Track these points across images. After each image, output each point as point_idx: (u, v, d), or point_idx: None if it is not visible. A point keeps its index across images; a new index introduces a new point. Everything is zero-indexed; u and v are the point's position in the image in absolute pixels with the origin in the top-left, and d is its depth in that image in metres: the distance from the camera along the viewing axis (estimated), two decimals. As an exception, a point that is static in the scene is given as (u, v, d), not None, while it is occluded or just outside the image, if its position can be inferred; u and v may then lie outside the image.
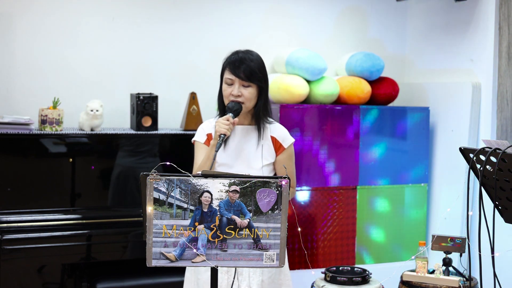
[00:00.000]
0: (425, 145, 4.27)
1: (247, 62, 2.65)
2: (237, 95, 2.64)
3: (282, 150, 2.74)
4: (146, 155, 3.75)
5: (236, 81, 2.65)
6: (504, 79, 3.83)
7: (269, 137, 2.74)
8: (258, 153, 2.71)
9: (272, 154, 2.74)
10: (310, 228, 3.95)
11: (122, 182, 3.69)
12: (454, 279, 3.13)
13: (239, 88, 2.64)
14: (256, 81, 2.66)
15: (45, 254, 3.40)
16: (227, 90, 2.67)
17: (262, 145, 2.72)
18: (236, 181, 1.97)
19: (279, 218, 1.98)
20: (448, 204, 4.15)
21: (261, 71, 2.69)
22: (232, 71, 2.64)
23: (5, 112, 3.75)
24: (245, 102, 2.66)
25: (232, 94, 2.65)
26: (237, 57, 2.67)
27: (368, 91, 4.16)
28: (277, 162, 2.75)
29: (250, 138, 2.73)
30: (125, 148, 3.69)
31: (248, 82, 2.64)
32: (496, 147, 2.21)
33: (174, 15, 4.16)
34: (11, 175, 3.46)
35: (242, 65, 2.64)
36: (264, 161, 2.71)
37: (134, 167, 3.69)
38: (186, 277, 2.79)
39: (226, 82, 2.68)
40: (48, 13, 3.87)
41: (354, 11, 4.64)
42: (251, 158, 2.70)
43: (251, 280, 2.66)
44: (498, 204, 2.31)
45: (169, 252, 1.95)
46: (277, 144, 2.74)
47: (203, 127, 2.79)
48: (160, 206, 1.94)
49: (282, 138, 2.75)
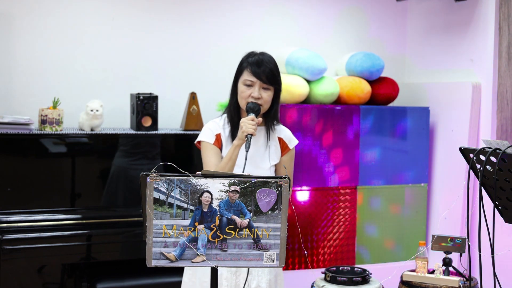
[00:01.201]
0: (425, 145, 4.27)
1: (267, 64, 2.64)
2: (257, 98, 2.62)
3: (287, 151, 2.76)
4: (146, 155, 3.75)
5: (257, 83, 2.63)
6: (504, 79, 3.83)
7: (276, 138, 2.75)
8: (266, 153, 2.71)
9: (278, 154, 2.75)
10: (310, 228, 3.95)
11: (122, 182, 3.69)
12: (454, 279, 3.13)
13: (259, 91, 2.63)
14: (276, 84, 2.66)
15: (45, 254, 3.40)
16: (246, 91, 2.64)
17: (269, 146, 2.72)
18: (236, 181, 1.97)
19: (279, 218, 1.98)
20: (448, 204, 4.15)
21: (279, 74, 2.69)
22: (254, 73, 2.62)
23: (5, 112, 3.75)
24: (263, 105, 2.65)
25: (252, 96, 2.62)
26: (257, 59, 2.65)
27: (368, 91, 4.16)
28: (279, 162, 2.76)
29: (258, 138, 2.72)
30: (125, 148, 3.69)
31: (268, 85, 2.64)
32: (496, 147, 2.21)
33: (174, 15, 4.16)
34: (11, 175, 3.46)
35: (262, 67, 2.62)
36: (272, 162, 2.72)
37: (134, 167, 3.69)
38: (183, 281, 2.75)
39: (245, 84, 2.65)
40: (48, 13, 3.87)
41: (354, 11, 4.64)
42: (259, 158, 2.70)
43: (260, 279, 2.66)
44: (498, 204, 2.31)
45: (169, 252, 1.95)
46: (283, 145, 2.76)
47: (211, 128, 2.75)
48: (160, 206, 1.94)
49: (289, 139, 2.77)
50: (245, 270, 2.62)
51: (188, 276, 2.73)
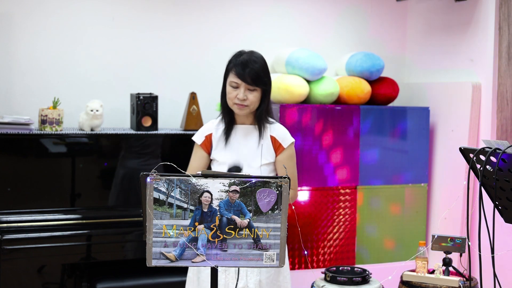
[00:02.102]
0: (425, 145, 4.27)
1: (252, 65, 2.65)
2: (243, 99, 2.65)
3: (281, 150, 2.75)
4: (146, 155, 3.75)
5: (242, 85, 2.65)
6: (504, 79, 3.83)
7: (268, 136, 2.75)
8: (258, 152, 2.72)
9: (271, 153, 2.74)
10: (310, 228, 3.95)
11: (122, 182, 3.69)
12: (454, 279, 3.13)
13: (245, 92, 2.65)
14: (261, 85, 2.67)
15: (45, 254, 3.40)
16: (232, 93, 2.67)
17: (262, 145, 2.73)
18: (236, 181, 1.97)
19: (279, 218, 1.98)
20: (448, 204, 4.15)
21: (266, 74, 2.70)
22: (238, 75, 2.64)
23: (5, 112, 3.75)
24: (249, 106, 2.68)
25: (237, 97, 2.65)
26: (242, 60, 2.66)
27: (368, 91, 4.16)
28: (277, 162, 2.76)
29: (250, 137, 2.73)
30: (125, 148, 3.69)
31: (253, 86, 2.65)
32: (496, 147, 2.21)
33: (174, 15, 4.16)
34: (11, 175, 3.46)
35: (247, 69, 2.64)
36: (263, 160, 2.72)
37: (134, 167, 3.69)
38: (188, 276, 2.80)
39: (231, 85, 2.68)
40: (48, 13, 3.87)
41: (354, 11, 4.64)
42: (250, 157, 2.71)
43: (248, 280, 2.66)
44: (498, 204, 2.31)
45: (169, 252, 1.96)
46: (276, 144, 2.75)
47: (204, 127, 2.81)
48: (160, 206, 1.95)
49: (282, 138, 2.76)
50: (234, 269, 2.63)
51: (192, 271, 2.77)
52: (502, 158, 2.16)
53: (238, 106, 2.68)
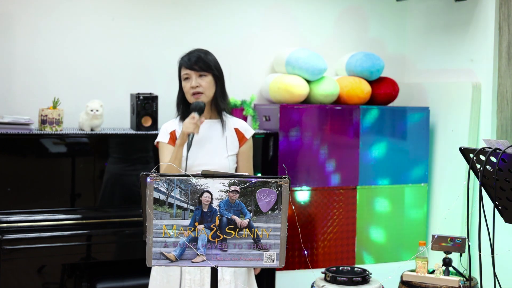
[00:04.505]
0: (425, 145, 4.27)
1: (196, 53, 2.78)
2: (196, 86, 2.74)
3: (244, 141, 2.86)
4: (146, 155, 3.75)
5: (192, 74, 2.76)
6: (504, 79, 3.83)
7: (232, 128, 2.85)
8: (223, 144, 2.80)
9: (236, 145, 2.85)
10: (310, 228, 3.95)
11: (122, 182, 3.68)
12: (454, 279, 3.13)
13: (197, 79, 2.75)
14: (211, 70, 2.77)
15: (45, 254, 3.39)
16: (186, 85, 2.78)
17: (226, 137, 2.82)
18: (236, 181, 1.97)
19: (279, 218, 1.98)
20: (448, 204, 4.14)
21: (213, 61, 2.80)
22: (185, 64, 2.77)
23: (5, 112, 3.75)
24: (205, 92, 2.76)
25: (191, 87, 2.75)
26: (187, 52, 2.81)
27: (368, 91, 4.16)
28: (239, 153, 2.86)
29: (213, 130, 2.82)
30: (125, 148, 3.69)
31: (203, 71, 2.75)
32: (496, 147, 2.20)
33: (174, 15, 4.15)
34: (11, 175, 3.45)
35: (192, 57, 2.76)
36: (229, 152, 2.81)
37: (134, 167, 3.69)
38: (152, 275, 2.82)
39: (183, 79, 2.79)
40: (48, 13, 3.87)
41: (354, 11, 4.64)
42: (216, 149, 2.79)
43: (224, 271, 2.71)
44: (498, 204, 2.31)
45: (169, 252, 1.95)
46: (240, 135, 2.86)
47: (165, 127, 2.88)
48: (160, 206, 1.94)
49: (245, 129, 2.88)
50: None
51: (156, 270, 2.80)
52: (502, 158, 2.16)
53: (195, 96, 2.77)
